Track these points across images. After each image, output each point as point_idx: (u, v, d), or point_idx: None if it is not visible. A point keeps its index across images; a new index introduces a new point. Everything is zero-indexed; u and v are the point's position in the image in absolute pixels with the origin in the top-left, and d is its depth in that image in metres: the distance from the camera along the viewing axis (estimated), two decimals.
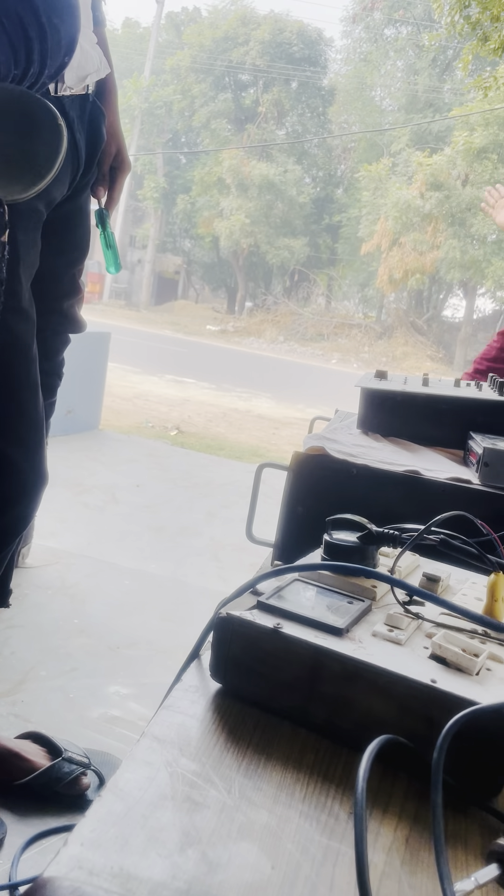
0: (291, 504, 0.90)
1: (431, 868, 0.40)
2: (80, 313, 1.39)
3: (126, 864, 0.37)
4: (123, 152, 1.38)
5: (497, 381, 1.10)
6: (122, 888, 0.35)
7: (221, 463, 4.80)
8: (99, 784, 1.38)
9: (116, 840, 0.38)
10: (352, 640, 0.53)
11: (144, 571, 2.67)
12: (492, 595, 0.58)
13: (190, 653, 0.61)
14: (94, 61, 1.18)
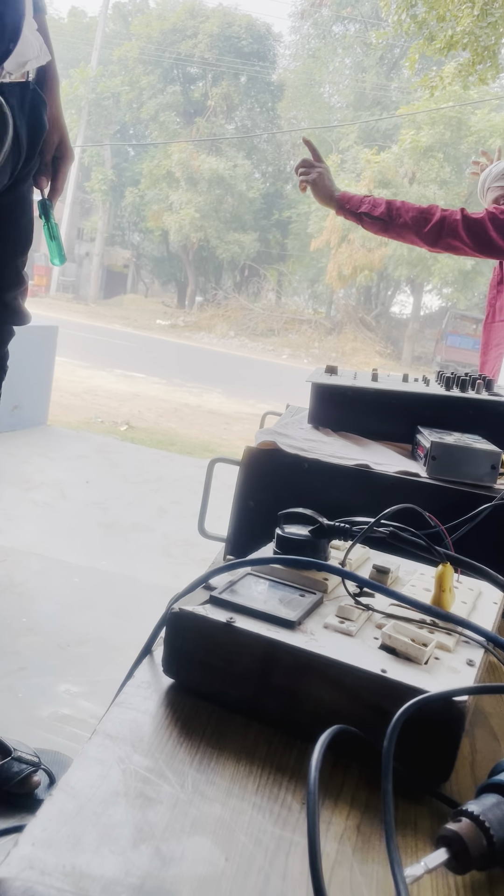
0: (243, 499, 0.90)
1: (382, 854, 0.41)
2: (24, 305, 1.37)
3: (78, 863, 0.36)
4: (66, 142, 1.36)
5: (444, 376, 1.12)
6: (74, 887, 0.35)
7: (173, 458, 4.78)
8: (49, 783, 1.36)
9: (68, 839, 0.38)
10: (304, 632, 0.53)
11: (95, 568, 2.64)
12: (439, 585, 0.59)
13: (142, 649, 0.60)
14: (34, 48, 1.16)
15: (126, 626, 2.19)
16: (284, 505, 0.68)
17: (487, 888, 0.40)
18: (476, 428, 1.00)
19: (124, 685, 0.55)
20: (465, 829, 0.38)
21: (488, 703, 0.61)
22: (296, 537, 0.64)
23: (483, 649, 0.57)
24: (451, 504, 0.84)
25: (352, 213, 2.03)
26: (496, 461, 0.87)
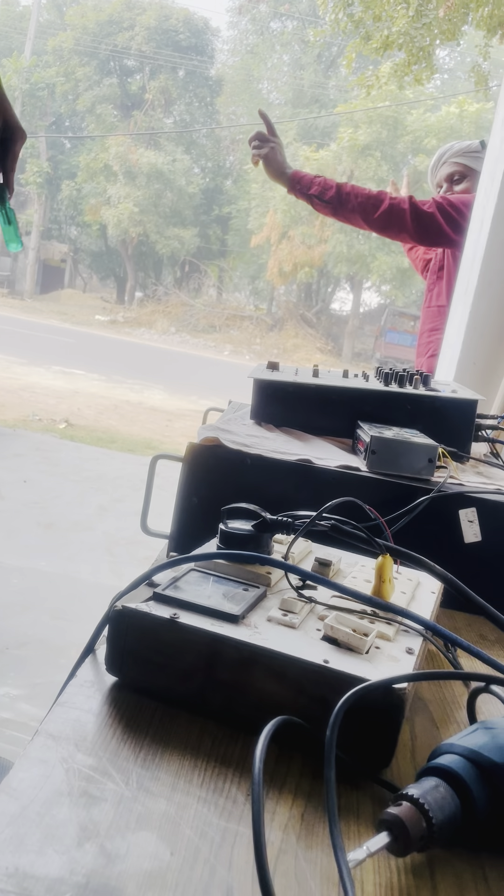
0: (186, 495, 0.90)
1: (326, 841, 0.42)
2: None
3: (21, 864, 0.36)
4: (12, 121, 1.31)
5: (383, 372, 1.14)
6: (17, 888, 0.35)
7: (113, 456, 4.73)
8: None
9: (11, 840, 0.37)
10: (247, 626, 0.53)
11: (34, 569, 2.60)
12: (380, 576, 0.61)
13: (84, 648, 0.60)
14: None
15: (67, 627, 2.16)
16: (227, 500, 0.68)
17: (427, 868, 0.41)
18: (414, 422, 1.02)
19: (66, 685, 0.54)
20: (406, 812, 0.39)
21: (427, 689, 0.63)
22: (239, 532, 0.64)
23: (422, 638, 0.58)
24: (390, 497, 0.85)
25: (302, 193, 2.05)
26: (433, 455, 0.89)
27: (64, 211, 23.75)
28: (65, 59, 22.44)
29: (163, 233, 21.10)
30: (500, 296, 1.68)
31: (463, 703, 0.59)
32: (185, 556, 0.62)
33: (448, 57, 22.22)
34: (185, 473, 0.89)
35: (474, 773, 0.42)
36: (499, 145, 1.75)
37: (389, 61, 7.72)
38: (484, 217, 1.76)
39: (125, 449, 5.23)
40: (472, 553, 0.84)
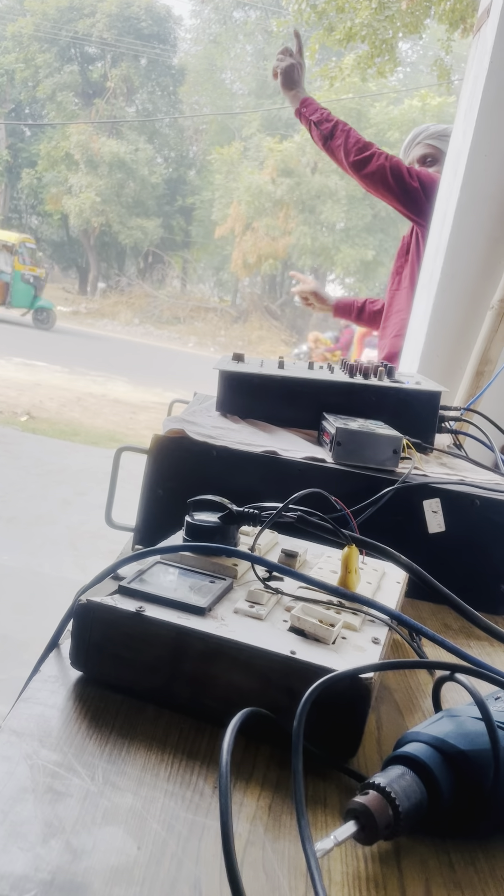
0: (152, 487, 0.89)
1: (294, 832, 0.42)
2: None
3: None
4: None
5: (347, 364, 1.14)
6: None
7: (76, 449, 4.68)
8: None
9: None
10: (214, 618, 0.53)
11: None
12: (345, 567, 0.61)
13: (48, 642, 0.59)
14: None
15: (31, 621, 2.13)
16: (193, 492, 0.68)
17: (394, 856, 0.41)
18: (379, 414, 1.03)
19: (30, 680, 0.54)
20: (372, 801, 0.40)
21: (392, 678, 0.63)
22: (205, 524, 0.64)
23: (387, 627, 0.59)
24: (356, 488, 0.86)
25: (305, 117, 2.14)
26: (398, 446, 0.90)
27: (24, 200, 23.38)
28: (24, 45, 22.04)
29: (125, 223, 20.90)
30: (462, 289, 1.70)
31: (428, 692, 0.60)
32: (151, 548, 0.62)
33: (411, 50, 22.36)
34: (150, 466, 0.88)
35: (440, 761, 0.43)
36: (461, 138, 1.77)
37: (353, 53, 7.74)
38: (447, 211, 1.77)
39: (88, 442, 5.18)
40: (436, 543, 0.85)
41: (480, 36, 1.76)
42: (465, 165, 1.65)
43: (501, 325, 1.61)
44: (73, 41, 22.09)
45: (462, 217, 1.67)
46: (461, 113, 1.85)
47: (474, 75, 1.74)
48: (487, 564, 0.86)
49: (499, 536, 0.85)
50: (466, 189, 1.66)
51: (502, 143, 1.63)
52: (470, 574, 0.85)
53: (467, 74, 1.87)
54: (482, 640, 0.77)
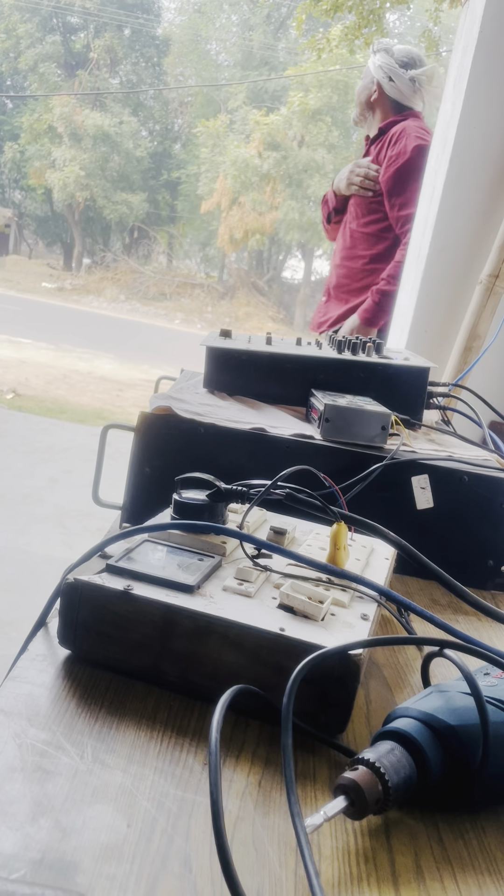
0: (139, 465, 0.88)
1: (284, 807, 0.42)
2: None
3: None
4: None
5: (335, 340, 1.13)
6: None
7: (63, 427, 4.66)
8: None
9: None
10: (203, 595, 0.53)
11: None
12: (334, 544, 0.61)
13: (36, 621, 0.59)
14: None
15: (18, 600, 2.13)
16: (181, 470, 0.67)
17: (384, 831, 0.42)
18: (367, 390, 1.03)
19: (18, 659, 0.53)
20: (362, 776, 0.40)
21: (381, 654, 0.63)
22: (193, 502, 0.63)
23: (376, 603, 0.59)
24: (344, 465, 0.85)
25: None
26: (386, 422, 0.90)
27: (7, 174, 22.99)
28: (4, 15, 21.53)
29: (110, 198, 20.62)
30: (451, 263, 1.69)
31: (416, 667, 0.60)
32: (139, 526, 0.61)
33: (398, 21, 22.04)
34: (137, 443, 0.88)
35: (429, 736, 0.43)
36: (449, 110, 1.75)
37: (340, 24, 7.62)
38: (435, 184, 1.76)
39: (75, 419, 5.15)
40: (425, 519, 0.85)
41: (469, 5, 1.73)
42: (453, 137, 1.64)
43: (490, 300, 1.61)
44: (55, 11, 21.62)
45: (451, 190, 1.66)
46: (449, 84, 1.83)
47: (463, 46, 1.72)
48: (475, 540, 0.86)
49: (487, 512, 0.85)
50: (455, 162, 1.65)
51: (491, 115, 1.61)
52: (458, 550, 0.86)
53: (456, 45, 1.84)
54: (470, 615, 0.77)
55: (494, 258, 1.61)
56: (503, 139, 1.62)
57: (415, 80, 2.28)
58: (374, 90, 2.33)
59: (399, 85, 2.29)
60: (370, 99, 2.35)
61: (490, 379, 1.62)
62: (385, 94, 2.31)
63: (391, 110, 2.32)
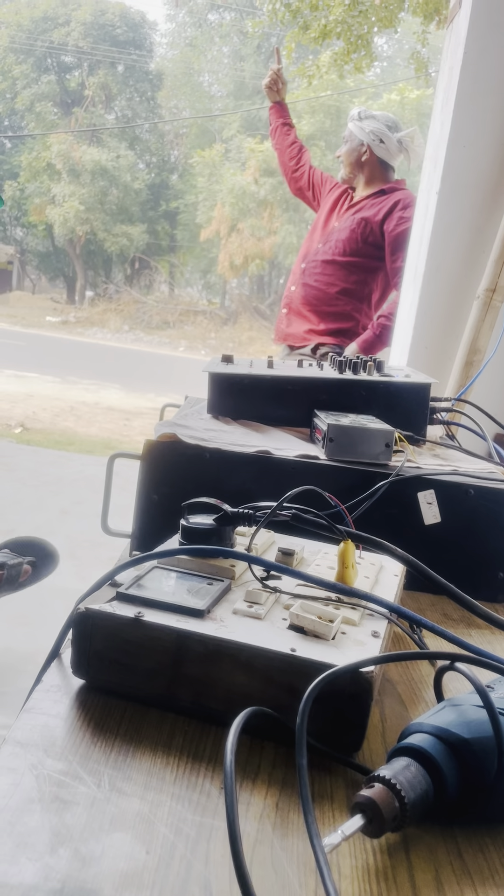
0: (146, 492, 0.89)
1: (302, 828, 0.42)
2: None
3: None
4: None
5: (336, 360, 1.14)
6: None
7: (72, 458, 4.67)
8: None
9: None
10: (213, 619, 0.53)
11: None
12: (342, 562, 0.61)
13: (49, 652, 0.59)
14: None
15: (33, 633, 2.13)
16: (188, 496, 0.68)
17: (403, 847, 0.42)
18: (369, 408, 1.03)
19: (33, 690, 0.54)
20: (378, 793, 0.40)
21: (394, 671, 0.63)
22: (200, 527, 0.64)
23: (387, 620, 0.59)
24: (350, 483, 0.86)
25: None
26: (390, 439, 0.90)
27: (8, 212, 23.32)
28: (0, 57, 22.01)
29: (110, 230, 20.88)
30: (447, 280, 1.70)
31: (430, 683, 0.60)
32: (148, 553, 0.62)
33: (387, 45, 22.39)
34: (143, 471, 0.89)
35: (443, 750, 0.43)
36: (439, 130, 1.77)
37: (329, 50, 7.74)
38: (428, 202, 1.78)
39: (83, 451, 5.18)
40: (433, 534, 0.85)
41: (453, 27, 1.76)
42: (444, 156, 1.66)
43: (488, 315, 1.61)
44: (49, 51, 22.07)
45: (444, 208, 1.68)
46: (438, 105, 1.85)
47: (449, 67, 1.75)
48: (485, 553, 0.86)
49: (494, 525, 0.85)
50: (447, 180, 1.67)
51: (480, 133, 1.63)
52: (468, 563, 0.86)
53: (442, 66, 1.87)
54: (482, 628, 0.77)
55: (490, 273, 1.62)
56: (492, 156, 1.64)
57: (401, 142, 2.61)
58: (365, 151, 2.65)
59: (388, 146, 2.61)
60: (360, 160, 2.68)
61: (492, 392, 1.63)
62: (374, 155, 2.65)
63: (378, 168, 2.68)
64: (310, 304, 2.70)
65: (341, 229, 2.66)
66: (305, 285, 2.70)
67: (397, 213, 2.55)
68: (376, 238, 2.59)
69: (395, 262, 2.53)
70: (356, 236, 2.61)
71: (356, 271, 2.63)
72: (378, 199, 2.64)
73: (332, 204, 2.79)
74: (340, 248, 2.63)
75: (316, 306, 2.69)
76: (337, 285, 2.65)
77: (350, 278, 2.63)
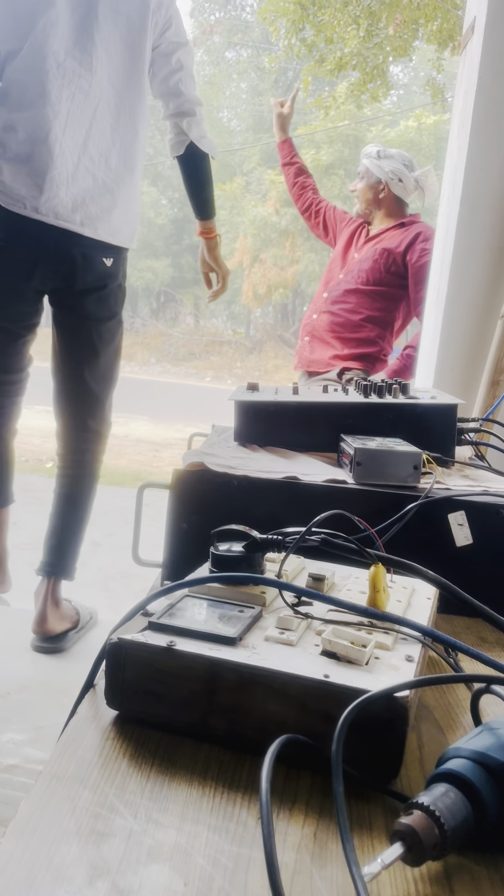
0: (176, 522, 0.89)
1: (341, 858, 0.41)
2: None
3: None
4: None
5: (361, 384, 1.15)
6: None
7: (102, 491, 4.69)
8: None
9: (21, 884, 0.37)
10: (245, 647, 0.53)
11: (31, 610, 2.57)
12: (373, 586, 0.61)
13: (84, 684, 0.59)
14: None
15: (69, 666, 2.14)
16: (217, 524, 0.68)
17: (445, 876, 0.41)
18: (396, 431, 1.03)
19: (68, 723, 0.54)
20: (418, 820, 0.39)
21: (430, 696, 0.62)
22: (230, 554, 0.64)
23: (421, 644, 0.58)
24: (379, 507, 0.85)
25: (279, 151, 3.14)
26: (418, 462, 0.90)
27: None
28: None
29: (135, 266, 21.23)
30: (470, 301, 1.70)
31: (467, 707, 0.59)
32: (178, 582, 0.62)
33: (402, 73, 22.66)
34: (172, 500, 0.89)
35: (483, 775, 0.42)
36: (456, 154, 1.79)
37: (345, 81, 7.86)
38: (448, 226, 1.79)
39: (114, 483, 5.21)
40: (465, 556, 0.84)
41: (467, 53, 1.78)
42: (462, 180, 1.67)
43: None
44: None
45: (464, 230, 1.68)
46: (454, 129, 1.87)
47: (464, 92, 1.77)
48: None
49: None
50: (466, 203, 1.67)
51: (497, 156, 1.64)
52: (502, 584, 0.84)
53: (457, 91, 1.89)
54: None
55: None
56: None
57: (417, 180, 2.72)
58: (383, 189, 2.76)
59: (406, 184, 2.73)
60: (378, 197, 2.78)
61: None
62: (391, 193, 2.75)
63: (395, 204, 2.78)
64: (334, 330, 2.77)
65: (363, 259, 2.74)
66: (330, 313, 2.78)
67: (419, 246, 2.63)
68: (398, 268, 2.67)
69: (418, 293, 2.60)
70: (379, 266, 2.69)
71: (379, 299, 2.70)
72: (399, 230, 2.73)
73: (349, 237, 2.89)
74: (364, 277, 2.72)
75: (340, 333, 2.76)
76: (361, 313, 2.72)
77: (374, 305, 2.71)
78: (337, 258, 2.91)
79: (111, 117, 1.90)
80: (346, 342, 2.74)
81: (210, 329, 23.66)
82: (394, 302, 2.71)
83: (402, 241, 2.68)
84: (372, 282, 2.70)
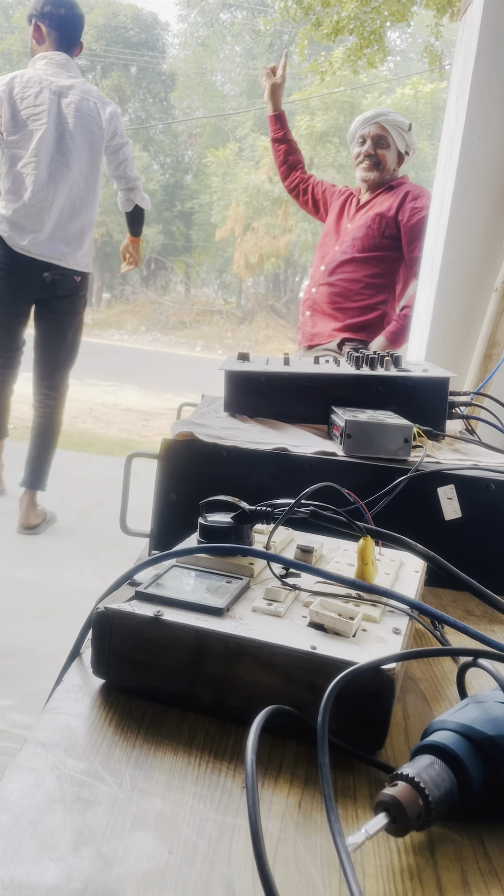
0: (164, 491, 0.89)
1: (325, 827, 0.42)
2: None
3: (17, 874, 0.35)
4: None
5: (353, 355, 1.14)
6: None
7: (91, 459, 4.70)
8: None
9: (5, 852, 0.37)
10: (232, 618, 0.53)
11: (17, 577, 2.58)
12: (362, 559, 0.60)
13: (70, 652, 0.59)
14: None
15: (55, 633, 2.14)
16: (206, 494, 0.68)
17: (428, 847, 0.41)
18: (387, 404, 1.03)
19: (54, 691, 0.54)
20: (402, 792, 0.39)
21: (417, 668, 0.63)
22: (219, 525, 0.64)
23: (408, 617, 0.58)
24: (368, 479, 0.85)
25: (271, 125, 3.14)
26: (408, 435, 0.89)
27: None
28: (14, 62, 22.15)
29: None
30: (464, 273, 1.69)
31: (453, 680, 0.59)
32: (166, 552, 0.62)
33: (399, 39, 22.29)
34: (161, 470, 0.88)
35: (468, 748, 0.42)
36: (453, 122, 1.76)
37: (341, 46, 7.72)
38: (444, 196, 1.76)
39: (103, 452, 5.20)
40: (454, 529, 0.84)
41: (467, 19, 1.75)
42: (459, 148, 1.64)
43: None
44: None
45: (460, 201, 1.66)
46: (452, 97, 1.84)
47: (463, 58, 1.73)
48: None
49: None
50: (462, 172, 1.65)
51: (495, 124, 1.61)
52: (489, 558, 0.85)
53: (456, 58, 1.85)
54: None
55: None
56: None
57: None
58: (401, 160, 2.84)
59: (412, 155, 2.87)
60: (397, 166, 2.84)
61: None
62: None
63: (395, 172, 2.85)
64: (334, 302, 2.78)
65: (356, 228, 2.74)
66: (328, 285, 2.78)
67: (409, 205, 2.65)
68: (392, 231, 2.68)
69: (412, 253, 2.61)
70: (372, 232, 2.70)
71: (377, 264, 2.71)
72: (388, 194, 2.75)
73: (340, 209, 2.90)
74: (359, 245, 2.72)
75: (340, 304, 2.76)
76: (361, 280, 2.73)
77: (372, 271, 2.72)
78: (330, 231, 2.90)
79: (81, 194, 3.07)
80: (347, 312, 2.75)
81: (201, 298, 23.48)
82: (392, 265, 2.72)
83: (392, 203, 2.70)
84: (367, 248, 2.70)
